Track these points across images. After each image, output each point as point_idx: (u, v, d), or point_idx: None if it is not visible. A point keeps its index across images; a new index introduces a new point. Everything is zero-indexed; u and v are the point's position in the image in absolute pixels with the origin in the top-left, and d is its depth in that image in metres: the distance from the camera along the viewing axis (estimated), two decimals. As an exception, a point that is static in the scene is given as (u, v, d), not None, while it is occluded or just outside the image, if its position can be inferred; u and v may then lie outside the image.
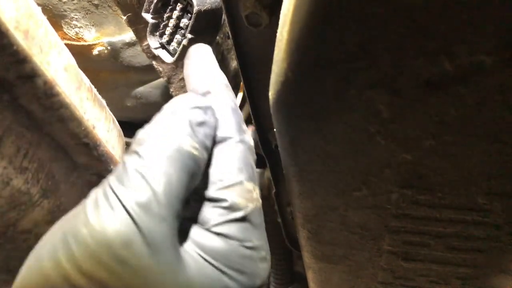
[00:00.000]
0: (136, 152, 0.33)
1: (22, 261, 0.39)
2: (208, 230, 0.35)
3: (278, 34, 0.28)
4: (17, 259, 0.39)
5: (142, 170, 0.32)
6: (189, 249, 0.34)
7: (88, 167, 0.41)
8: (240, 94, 0.62)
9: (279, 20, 0.28)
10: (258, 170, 0.78)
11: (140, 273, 0.31)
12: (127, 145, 0.75)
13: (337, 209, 0.36)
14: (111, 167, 0.42)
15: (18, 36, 0.29)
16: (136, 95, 0.69)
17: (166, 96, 0.66)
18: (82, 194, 0.41)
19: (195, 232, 0.35)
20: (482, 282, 0.39)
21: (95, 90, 0.43)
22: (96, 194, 0.32)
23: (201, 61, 0.45)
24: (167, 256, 0.32)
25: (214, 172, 0.38)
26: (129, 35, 0.57)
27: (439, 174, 0.30)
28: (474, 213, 0.33)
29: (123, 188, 0.31)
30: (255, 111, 0.52)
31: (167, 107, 0.37)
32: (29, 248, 0.38)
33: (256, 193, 0.39)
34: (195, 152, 0.35)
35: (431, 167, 0.30)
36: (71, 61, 0.39)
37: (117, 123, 0.49)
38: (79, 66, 0.41)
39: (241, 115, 0.42)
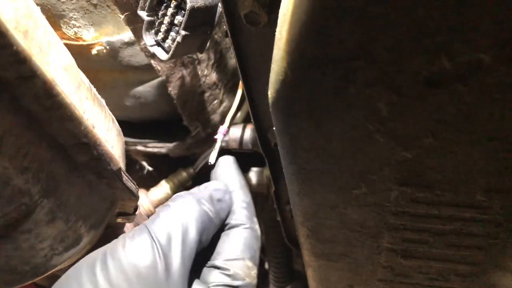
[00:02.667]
0: (168, 205, 0.47)
1: (23, 261, 0.39)
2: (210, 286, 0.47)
3: (277, 33, 0.28)
4: (17, 259, 0.39)
5: (169, 217, 0.45)
6: None
7: (87, 166, 0.41)
8: (239, 93, 0.62)
9: (278, 19, 0.28)
10: (257, 169, 0.78)
11: None
12: (126, 144, 0.75)
13: (336, 207, 0.36)
14: (111, 166, 0.42)
15: (18, 36, 0.29)
16: (135, 95, 0.68)
17: (165, 95, 0.66)
18: (82, 193, 0.41)
19: (197, 286, 0.47)
20: (481, 279, 0.39)
21: (94, 89, 0.43)
22: (135, 229, 0.44)
23: (227, 167, 0.59)
24: (177, 284, 0.42)
25: (224, 247, 0.50)
26: (128, 35, 0.57)
27: (438, 172, 0.30)
28: (473, 210, 0.33)
29: (154, 227, 0.44)
30: (254, 110, 0.52)
31: (202, 186, 0.52)
32: (30, 248, 0.38)
33: (254, 272, 0.50)
34: (210, 214, 0.48)
35: (430, 164, 0.30)
36: (71, 61, 0.39)
37: (116, 122, 0.49)
38: (78, 66, 0.41)
39: (253, 209, 0.55)
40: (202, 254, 0.49)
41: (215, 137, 0.63)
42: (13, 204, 0.34)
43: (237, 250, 0.50)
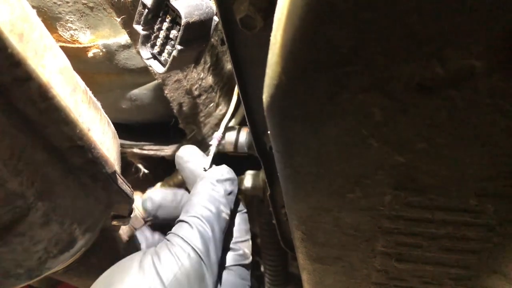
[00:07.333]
0: (196, 216, 0.52)
1: (17, 264, 0.39)
2: (226, 268, 0.57)
3: (272, 38, 0.28)
4: (11, 261, 0.39)
5: (200, 228, 0.51)
6: None
7: (82, 169, 0.41)
8: (234, 98, 0.63)
9: (273, 24, 0.28)
10: (253, 172, 0.78)
11: None
12: (122, 147, 0.75)
13: (331, 211, 0.36)
14: (106, 169, 0.42)
15: (13, 39, 0.29)
16: (131, 97, 0.68)
17: (161, 98, 0.66)
18: (76, 196, 0.41)
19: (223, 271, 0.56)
20: (474, 282, 0.39)
21: (90, 92, 0.43)
22: (165, 241, 0.51)
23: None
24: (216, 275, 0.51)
25: (231, 230, 0.59)
26: (124, 38, 0.57)
27: (432, 176, 0.30)
28: (466, 215, 0.33)
29: (191, 238, 0.50)
30: (249, 113, 0.52)
31: (209, 177, 0.57)
32: (24, 250, 0.38)
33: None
34: (227, 218, 0.55)
35: (423, 169, 0.30)
36: (66, 63, 0.39)
37: (112, 125, 0.49)
38: (74, 69, 0.41)
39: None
40: None
41: (210, 142, 0.63)
42: (7, 207, 0.34)
43: (243, 232, 0.60)
